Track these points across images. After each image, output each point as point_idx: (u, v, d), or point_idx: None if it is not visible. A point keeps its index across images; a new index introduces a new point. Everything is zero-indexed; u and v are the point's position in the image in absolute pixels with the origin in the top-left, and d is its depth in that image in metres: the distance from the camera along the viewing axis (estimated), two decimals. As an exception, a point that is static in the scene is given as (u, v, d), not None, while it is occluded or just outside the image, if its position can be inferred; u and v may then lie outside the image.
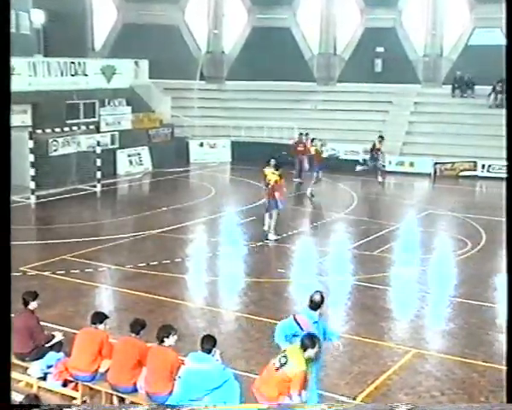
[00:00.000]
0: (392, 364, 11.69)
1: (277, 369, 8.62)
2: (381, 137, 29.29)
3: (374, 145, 29.05)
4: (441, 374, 11.37)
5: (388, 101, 36.83)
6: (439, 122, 34.50)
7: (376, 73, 38.09)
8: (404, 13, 38.43)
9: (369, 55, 38.08)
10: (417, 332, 13.41)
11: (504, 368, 11.44)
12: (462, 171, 32.00)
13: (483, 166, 31.68)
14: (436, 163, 31.65)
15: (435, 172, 31.63)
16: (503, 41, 28.82)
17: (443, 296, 15.49)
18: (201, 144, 35.03)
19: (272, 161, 20.19)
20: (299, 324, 9.39)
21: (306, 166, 28.39)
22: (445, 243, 20.90)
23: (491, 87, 35.12)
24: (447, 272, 17.64)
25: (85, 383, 9.80)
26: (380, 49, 38.08)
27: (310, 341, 8.69)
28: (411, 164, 32.41)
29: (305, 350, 8.63)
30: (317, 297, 9.52)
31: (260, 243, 19.48)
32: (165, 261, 17.34)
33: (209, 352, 9.06)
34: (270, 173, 19.87)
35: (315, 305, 9.51)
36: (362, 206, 25.32)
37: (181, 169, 31.69)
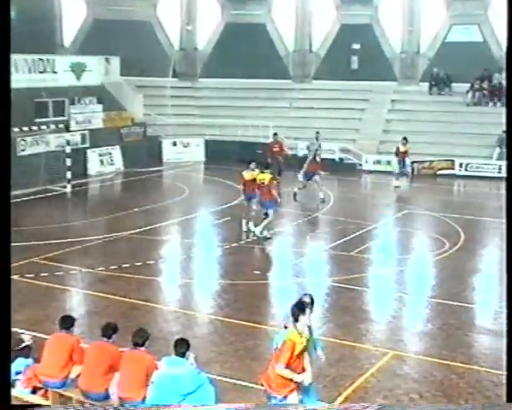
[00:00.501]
0: (369, 366, 11.74)
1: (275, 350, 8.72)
2: (405, 139, 28.85)
3: (398, 149, 28.83)
4: (419, 376, 11.44)
5: (365, 99, 37.00)
6: (416, 120, 34.72)
7: (353, 70, 38.23)
8: (380, 9, 38.59)
9: (346, 52, 38.19)
10: (395, 334, 13.48)
11: (482, 369, 11.61)
12: (439, 170, 32.23)
13: (461, 164, 31.91)
14: (413, 162, 31.82)
15: (413, 171, 31.80)
16: (479, 38, 29.35)
17: (421, 297, 15.58)
18: (174, 143, 34.93)
19: (253, 165, 20.33)
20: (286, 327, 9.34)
21: (282, 167, 28.39)
22: (423, 242, 21.04)
23: (468, 85, 35.43)
24: (425, 272, 17.75)
25: (55, 390, 9.71)
26: (356, 46, 38.20)
27: (298, 306, 8.71)
28: (388, 163, 32.55)
29: (297, 320, 8.63)
30: (307, 300, 9.47)
31: (235, 244, 19.47)
32: (137, 263, 17.26)
33: (183, 356, 9.04)
34: (260, 174, 19.98)
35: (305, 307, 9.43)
36: (338, 205, 25.39)
37: (153, 169, 31.57)
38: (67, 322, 9.96)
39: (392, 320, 14.24)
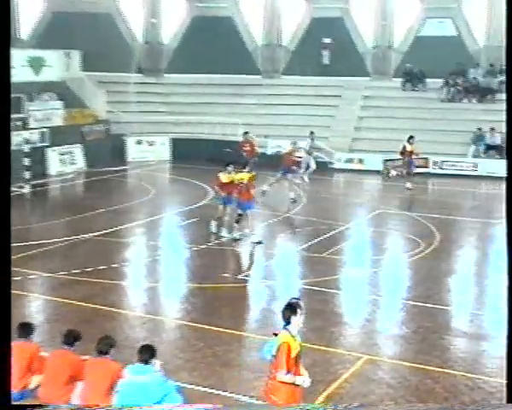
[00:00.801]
0: (343, 371, 11.77)
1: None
2: (412, 138, 28.57)
3: (404, 148, 28.62)
4: (394, 381, 11.49)
5: (337, 95, 37.16)
6: (389, 117, 34.95)
7: (324, 65, 38.38)
8: (352, 2, 38.78)
9: (316, 46, 38.33)
10: (369, 338, 13.53)
11: (458, 373, 11.71)
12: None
13: (435, 162, 32.16)
14: (386, 160, 32.02)
15: (386, 169, 31.97)
16: (454, 32, 29.60)
17: (395, 299, 15.68)
18: (139, 142, 34.78)
19: (230, 167, 20.37)
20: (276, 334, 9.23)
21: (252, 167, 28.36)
22: (397, 243, 21.17)
23: (443, 80, 35.75)
24: (399, 273, 17.85)
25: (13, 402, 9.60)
26: (327, 41, 38.35)
27: (289, 308, 8.61)
28: (361, 161, 32.76)
29: (288, 322, 8.55)
30: (298, 301, 9.36)
31: (203, 246, 19.42)
32: (101, 267, 17.14)
33: (147, 363, 8.98)
34: (238, 174, 20.06)
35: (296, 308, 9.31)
36: (310, 205, 25.46)
37: (117, 168, 31.40)
38: (26, 329, 9.84)
39: (366, 324, 14.30)
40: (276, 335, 8.71)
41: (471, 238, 21.71)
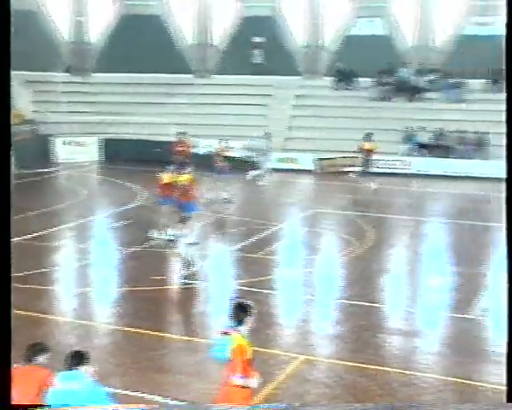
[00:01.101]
0: (279, 372, 11.83)
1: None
2: (368, 135, 28.62)
3: (361, 146, 28.77)
4: (330, 380, 11.61)
5: (268, 94, 37.32)
6: (321, 116, 35.26)
7: (255, 64, 38.51)
8: (283, 1, 38.96)
9: (248, 45, 38.42)
10: (304, 338, 13.63)
11: (392, 370, 11.90)
12: (346, 166, 32.75)
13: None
14: (319, 159, 32.29)
15: (319, 168, 32.26)
16: (383, 31, 30.10)
17: (330, 299, 15.82)
18: (68, 142, 34.28)
19: (172, 166, 20.58)
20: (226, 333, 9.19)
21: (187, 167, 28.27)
22: (331, 242, 21.37)
23: (373, 79, 36.26)
24: (333, 273, 18.02)
25: None
26: (258, 40, 38.49)
27: (241, 309, 8.58)
28: (294, 160, 32.95)
29: (241, 323, 8.50)
30: (247, 302, 9.31)
31: (136, 249, 19.26)
32: (30, 272, 16.82)
33: (77, 369, 8.86)
34: (181, 175, 20.24)
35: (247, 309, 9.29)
36: (243, 205, 25.51)
37: (45, 170, 30.89)
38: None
39: (301, 324, 14.40)
40: (225, 334, 8.65)
41: (404, 237, 22.07)
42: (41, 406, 6.52)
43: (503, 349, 6.31)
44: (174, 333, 13.63)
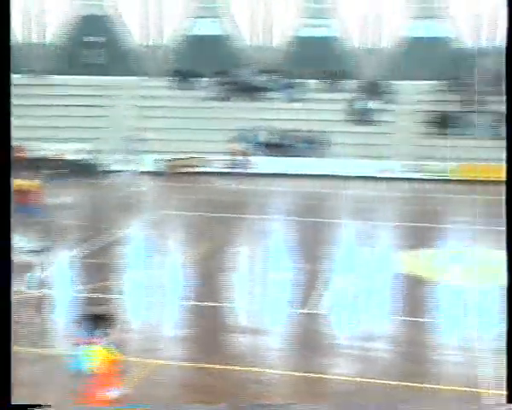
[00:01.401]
0: (128, 379, 11.79)
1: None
2: (237, 138, 29.11)
3: (233, 149, 28.77)
4: (180, 383, 11.71)
5: (107, 95, 36.87)
6: (162, 117, 35.32)
7: (94, 64, 37.93)
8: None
9: (84, 45, 37.76)
10: (152, 341, 13.62)
11: (242, 369, 12.17)
12: (188, 167, 33.00)
13: (204, 161, 32.88)
14: (161, 160, 32.29)
15: (164, 169, 32.26)
16: (221, 31, 30.68)
17: (175, 301, 15.93)
18: None
19: (25, 173, 20.34)
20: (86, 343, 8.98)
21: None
22: (175, 244, 21.42)
23: (212, 79, 36.70)
24: (177, 275, 18.11)
25: None
26: (96, 39, 37.93)
27: (103, 319, 8.49)
28: (136, 162, 32.74)
29: (105, 334, 8.38)
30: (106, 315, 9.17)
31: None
32: None
33: None
34: (28, 181, 20.26)
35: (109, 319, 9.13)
36: (82, 210, 25.05)
37: None
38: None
39: (147, 328, 14.39)
40: (86, 344, 8.52)
41: (249, 236, 22.48)
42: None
43: (345, 342, 6.73)
44: (18, 345, 13.26)
